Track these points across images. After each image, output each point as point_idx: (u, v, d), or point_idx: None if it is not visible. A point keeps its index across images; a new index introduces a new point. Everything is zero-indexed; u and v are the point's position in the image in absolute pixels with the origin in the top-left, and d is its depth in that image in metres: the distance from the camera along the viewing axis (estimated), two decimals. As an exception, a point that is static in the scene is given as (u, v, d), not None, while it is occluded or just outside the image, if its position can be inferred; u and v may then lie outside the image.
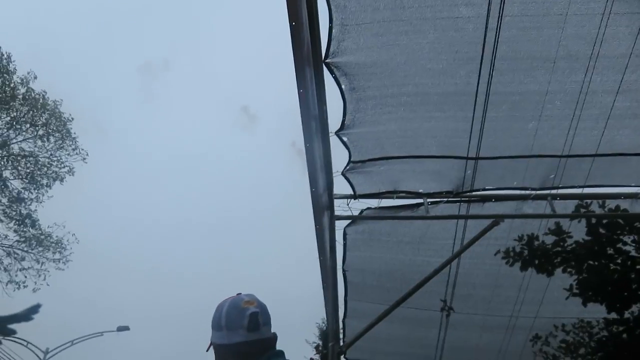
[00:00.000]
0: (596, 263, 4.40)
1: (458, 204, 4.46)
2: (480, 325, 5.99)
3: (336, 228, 4.44)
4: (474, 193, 4.34)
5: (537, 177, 4.19)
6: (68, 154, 15.58)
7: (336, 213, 4.31)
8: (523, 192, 4.33)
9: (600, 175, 4.10)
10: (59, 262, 15.35)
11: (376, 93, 3.36)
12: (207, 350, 1.54)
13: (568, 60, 3.21)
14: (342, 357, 5.00)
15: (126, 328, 16.72)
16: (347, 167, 3.98)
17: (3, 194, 14.81)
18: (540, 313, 5.62)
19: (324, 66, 2.97)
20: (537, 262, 4.51)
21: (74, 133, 15.62)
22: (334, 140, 3.59)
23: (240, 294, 1.55)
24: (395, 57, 3.16)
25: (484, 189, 4.33)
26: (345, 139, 3.67)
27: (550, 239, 4.50)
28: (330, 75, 3.12)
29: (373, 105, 3.45)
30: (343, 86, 3.22)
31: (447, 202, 4.40)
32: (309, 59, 2.72)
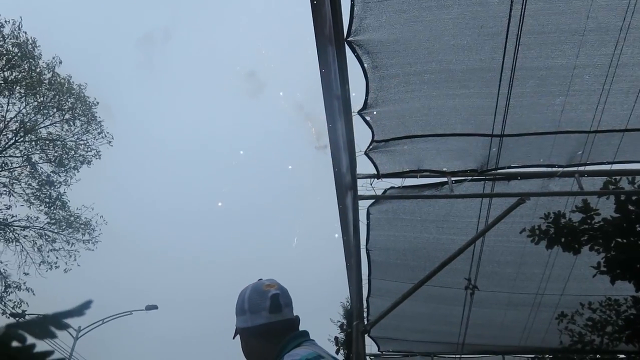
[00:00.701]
0: (624, 240, 4.31)
1: (482, 182, 4.42)
2: (505, 302, 5.98)
3: (359, 208, 4.44)
4: (499, 171, 4.28)
5: (564, 153, 4.11)
6: (94, 138, 15.87)
7: (359, 193, 4.31)
8: (549, 169, 4.25)
9: (630, 150, 4.01)
10: (89, 243, 15.76)
11: (399, 71, 3.32)
12: (233, 338, 1.57)
13: (597, 33, 3.11)
14: (366, 335, 5.05)
15: (154, 307, 17.16)
16: (370, 147, 3.96)
17: (33, 178, 15.18)
18: (566, 291, 5.58)
19: (346, 45, 2.94)
20: (563, 240, 4.44)
21: (99, 117, 15.88)
22: (356, 120, 3.57)
23: (261, 279, 1.58)
24: (418, 33, 3.10)
25: (509, 167, 4.27)
26: (368, 118, 3.64)
27: (577, 217, 4.43)
28: (352, 54, 3.09)
29: (396, 83, 3.41)
30: (365, 65, 3.19)
31: (472, 180, 4.35)
32: (331, 37, 2.69)
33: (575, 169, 4.24)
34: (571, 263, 5.03)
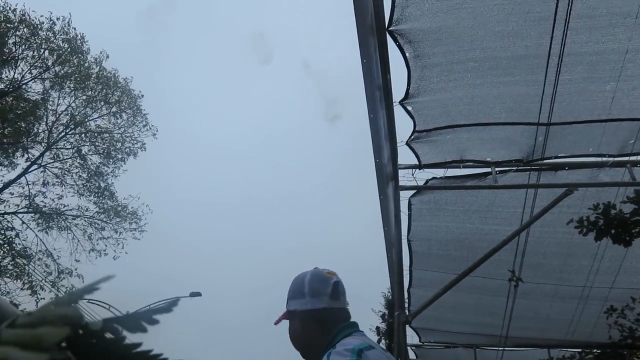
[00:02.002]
0: (679, 232, 4.13)
1: (528, 172, 4.31)
2: (550, 295, 5.84)
3: (400, 198, 4.41)
4: (545, 161, 4.16)
5: (615, 142, 3.96)
6: (139, 130, 16.34)
7: (401, 183, 4.29)
8: (599, 159, 4.11)
9: (686, 138, 3.83)
10: (135, 231, 16.30)
11: (442, 60, 3.27)
12: (276, 323, 1.61)
13: (652, 15, 2.98)
14: (407, 325, 5.05)
15: (198, 294, 17.59)
16: (412, 137, 3.92)
17: (83, 169, 15.79)
18: (616, 284, 5.40)
19: (387, 34, 2.92)
20: (613, 231, 4.29)
21: (144, 110, 16.33)
22: (397, 110, 3.54)
23: (317, 267, 1.62)
24: (461, 21, 3.04)
25: (556, 157, 4.15)
26: (409, 108, 3.61)
27: (628, 208, 4.26)
28: (394, 44, 3.06)
29: (438, 72, 3.36)
30: (407, 54, 3.16)
31: (517, 171, 4.25)
32: (372, 28, 2.68)
33: (626, 158, 4.07)
34: (622, 255, 4.86)
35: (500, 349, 7.43)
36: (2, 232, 14.41)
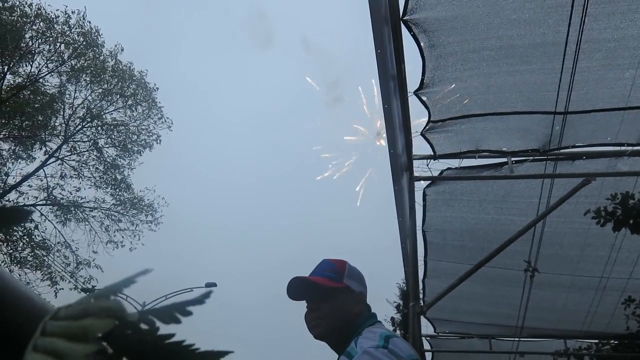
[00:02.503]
0: (699, 222, 4.06)
1: (544, 162, 4.26)
2: (567, 285, 5.79)
3: (415, 189, 4.40)
4: (562, 150, 4.11)
5: (634, 131, 3.89)
6: (154, 123, 16.47)
7: (415, 174, 4.27)
8: (618, 148, 4.05)
9: None
10: (151, 223, 16.47)
11: (457, 49, 3.24)
12: (329, 284, 1.62)
13: (673, 0, 2.91)
14: (422, 316, 5.05)
15: (213, 284, 17.76)
16: (427, 127, 3.90)
17: (100, 161, 15.97)
18: (634, 274, 5.34)
19: (402, 24, 2.90)
20: (632, 221, 4.23)
21: (159, 102, 16.44)
22: (412, 100, 3.52)
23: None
24: (477, 9, 3.01)
25: (574, 146, 4.10)
26: (424, 98, 3.59)
27: (647, 197, 4.20)
28: (409, 33, 3.04)
29: (454, 61, 3.33)
30: (422, 43, 3.13)
31: (533, 160, 4.21)
32: (387, 18, 2.67)
33: (646, 147, 4.01)
34: (640, 245, 4.80)
35: (515, 339, 7.41)
36: (22, 224, 14.64)
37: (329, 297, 1.58)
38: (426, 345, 8.01)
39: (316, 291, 1.60)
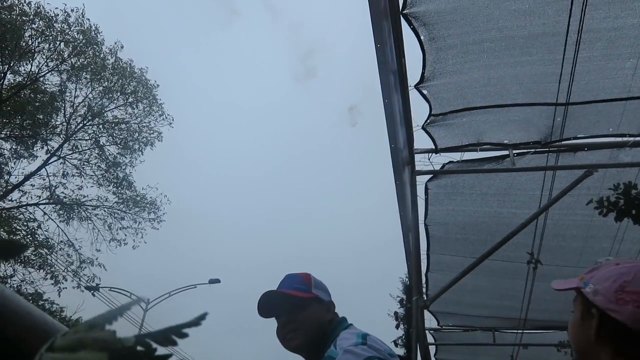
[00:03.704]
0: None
1: (546, 154, 4.25)
2: (571, 277, 5.78)
3: (417, 183, 4.39)
4: (564, 142, 4.10)
5: (636, 121, 3.87)
6: (155, 120, 16.46)
7: (417, 168, 4.26)
8: (619, 139, 4.03)
9: None
10: (154, 221, 16.51)
11: (457, 41, 3.22)
12: (294, 311, 1.64)
13: (674, -11, 2.89)
14: (425, 310, 5.05)
15: (217, 281, 17.84)
16: (428, 121, 3.89)
17: (101, 160, 15.99)
18: (637, 265, 5.33)
19: (401, 17, 2.88)
20: (634, 212, 4.22)
21: (160, 99, 16.43)
22: (413, 94, 3.51)
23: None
24: (476, 0, 2.99)
25: (575, 137, 4.08)
26: (425, 91, 3.57)
27: (650, 187, 4.19)
28: (408, 27, 3.02)
29: (454, 54, 3.32)
30: (422, 37, 3.12)
31: (535, 152, 4.20)
32: (386, 11, 2.65)
33: (648, 137, 3.99)
34: (643, 236, 4.79)
35: (519, 331, 7.42)
36: (25, 223, 14.69)
37: (302, 308, 1.60)
38: (430, 339, 8.03)
39: (289, 303, 1.61)
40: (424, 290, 6.15)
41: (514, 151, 4.15)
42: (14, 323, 0.36)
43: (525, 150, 4.20)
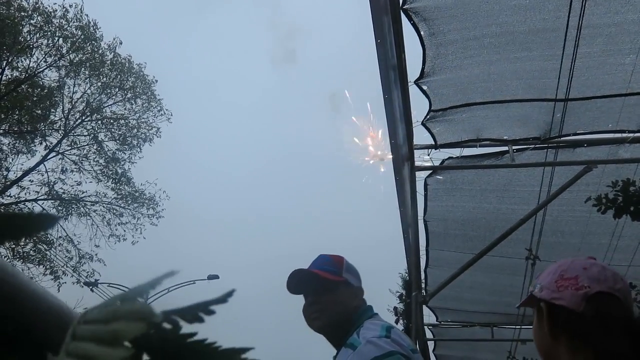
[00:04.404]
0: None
1: (545, 150, 4.26)
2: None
3: (417, 179, 4.40)
4: (563, 138, 4.10)
5: (635, 117, 3.88)
6: (154, 115, 16.42)
7: (416, 164, 4.27)
8: (619, 135, 4.04)
9: None
10: (153, 217, 16.48)
11: (457, 37, 3.22)
12: (331, 278, 1.66)
13: (674, -16, 2.89)
14: (424, 305, 5.07)
15: (216, 277, 17.85)
16: (428, 117, 3.89)
17: (100, 155, 15.96)
18: (635, 261, 5.34)
19: (401, 13, 2.88)
20: (632, 208, 4.23)
21: (158, 95, 16.39)
22: (413, 90, 3.51)
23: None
24: (477, -4, 2.99)
25: (575, 134, 4.09)
26: (425, 87, 3.57)
27: (649, 184, 4.20)
28: (409, 22, 3.02)
29: (454, 50, 3.31)
30: (422, 32, 3.11)
31: (534, 149, 4.20)
32: (386, 7, 2.65)
33: (647, 133, 4.00)
34: (641, 233, 4.81)
35: (517, 327, 7.44)
36: (48, 230, 14.65)
37: (329, 290, 1.61)
38: (428, 334, 8.05)
39: (317, 284, 1.61)
40: (423, 286, 6.16)
41: (514, 147, 4.15)
42: (30, 307, 0.36)
43: (525, 147, 4.20)
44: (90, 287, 15.27)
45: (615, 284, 1.09)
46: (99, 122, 16.00)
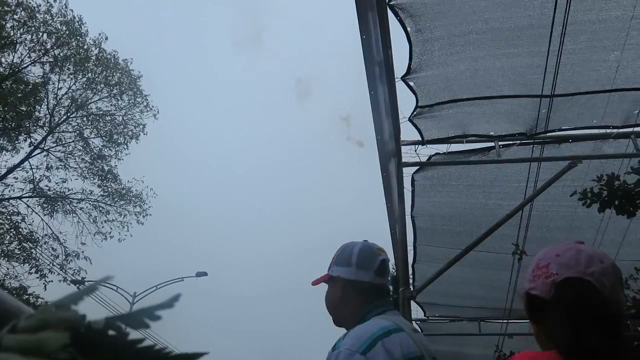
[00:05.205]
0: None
1: (531, 146, 4.28)
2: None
3: (404, 175, 4.40)
4: (549, 134, 4.13)
5: (619, 113, 3.92)
6: (140, 111, 16.27)
7: (404, 160, 4.27)
8: (603, 130, 4.07)
9: (691, 108, 3.79)
10: (140, 215, 16.35)
11: (443, 33, 3.22)
12: (315, 284, 1.66)
13: (658, -19, 2.91)
14: (412, 301, 5.08)
15: (204, 274, 17.81)
16: (414, 113, 3.89)
17: (86, 152, 15.78)
18: (619, 256, 5.41)
19: (388, 9, 2.87)
20: (617, 202, 4.28)
21: (144, 90, 16.23)
22: (400, 86, 3.50)
23: (366, 241, 1.66)
24: (463, -8, 2.99)
25: (560, 129, 4.12)
26: (411, 83, 3.57)
27: (632, 179, 4.25)
28: (395, 18, 3.01)
29: (440, 46, 3.31)
30: (409, 28, 3.11)
31: (520, 144, 4.23)
32: (372, 2, 2.63)
33: (630, 129, 4.04)
34: (625, 227, 4.86)
35: (504, 321, 7.51)
36: (8, 216, 14.50)
37: (328, 290, 1.64)
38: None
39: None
40: (411, 281, 6.18)
41: (500, 143, 4.17)
42: None
43: (511, 142, 4.23)
44: (77, 285, 15.12)
45: (587, 268, 1.05)
46: (85, 118, 15.81)
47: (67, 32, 14.58)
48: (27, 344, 0.25)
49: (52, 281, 14.66)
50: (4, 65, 14.20)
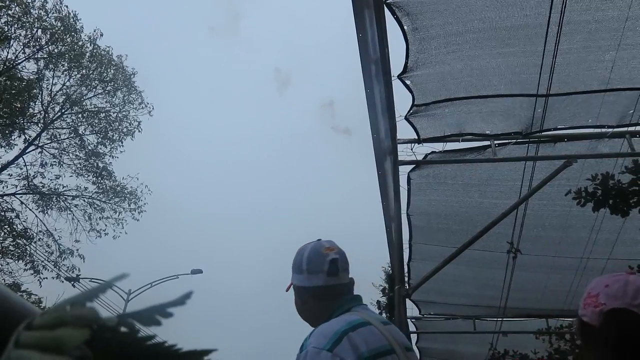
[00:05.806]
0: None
1: (527, 145, 4.30)
2: (549, 266, 5.89)
3: (400, 173, 4.41)
4: (544, 133, 4.15)
5: (614, 113, 3.94)
6: (135, 108, 16.21)
7: (400, 158, 4.28)
8: (598, 130, 4.09)
9: (685, 108, 3.81)
10: (134, 212, 16.30)
11: (440, 31, 3.22)
12: (286, 290, 1.63)
13: (653, -18, 2.93)
14: (407, 299, 5.09)
15: (199, 271, 17.76)
16: (411, 111, 3.90)
17: (80, 149, 15.71)
18: (613, 255, 5.44)
19: (384, 7, 2.87)
20: (611, 202, 4.30)
21: (139, 87, 16.18)
22: (396, 84, 3.50)
23: (320, 240, 1.61)
24: (460, -9, 2.99)
25: (555, 129, 4.13)
26: (408, 82, 3.58)
27: (626, 178, 4.27)
28: (392, 17, 3.01)
29: (437, 45, 3.32)
30: (405, 27, 3.11)
31: (516, 143, 4.24)
32: (369, 1, 2.63)
33: (625, 129, 4.06)
34: (619, 226, 4.89)
35: (499, 319, 7.54)
36: (2, 213, 14.43)
37: None
38: (412, 327, 8.12)
39: None
40: (406, 279, 6.20)
41: (496, 142, 4.18)
42: None
43: (507, 141, 4.24)
44: (72, 282, 15.07)
45: (634, 300, 1.12)
46: (79, 115, 15.74)
47: (61, 28, 14.50)
48: (46, 341, 0.25)
49: (46, 278, 14.63)
50: (-2, 61, 14.12)
